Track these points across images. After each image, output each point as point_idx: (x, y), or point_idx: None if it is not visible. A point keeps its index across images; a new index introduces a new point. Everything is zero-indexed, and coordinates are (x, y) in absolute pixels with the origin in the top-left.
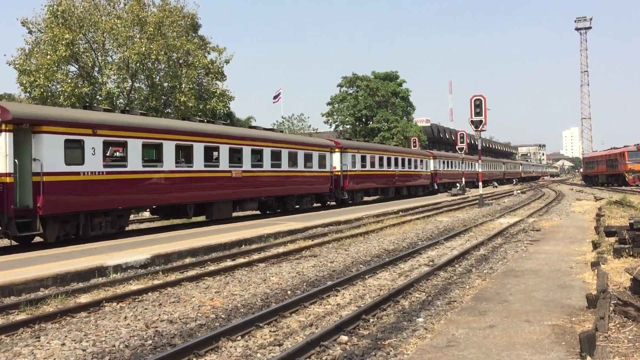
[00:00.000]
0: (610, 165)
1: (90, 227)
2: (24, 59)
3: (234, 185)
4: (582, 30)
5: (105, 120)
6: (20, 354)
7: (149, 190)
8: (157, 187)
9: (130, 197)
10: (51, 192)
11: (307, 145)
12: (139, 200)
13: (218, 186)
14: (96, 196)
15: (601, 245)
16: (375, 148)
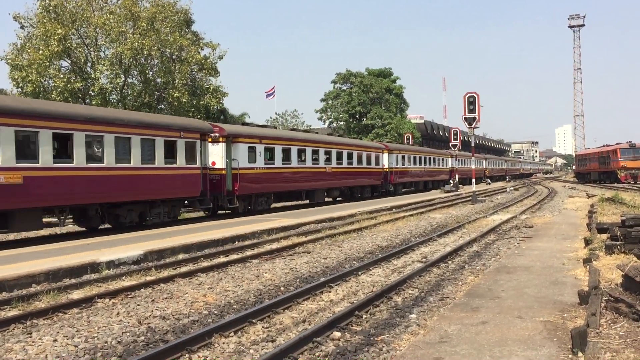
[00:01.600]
0: (603, 163)
1: (257, 203)
2: (16, 54)
3: (326, 178)
4: (575, 28)
5: (265, 133)
6: (12, 350)
7: (290, 180)
8: (294, 177)
9: (278, 184)
10: (242, 180)
11: (368, 148)
12: (286, 187)
13: (319, 178)
14: (259, 184)
15: (593, 242)
16: (412, 149)
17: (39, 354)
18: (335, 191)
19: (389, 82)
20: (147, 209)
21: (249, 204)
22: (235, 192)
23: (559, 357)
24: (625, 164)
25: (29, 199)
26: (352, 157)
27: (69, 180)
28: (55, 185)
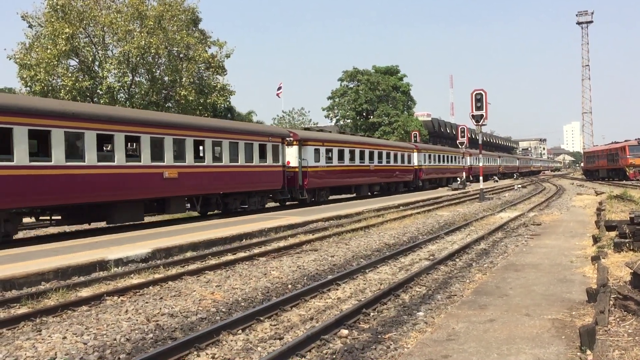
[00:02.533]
0: (611, 160)
1: (319, 195)
2: (25, 53)
3: (370, 174)
4: (583, 24)
5: (325, 137)
6: (22, 347)
7: (344, 176)
8: (347, 174)
9: (335, 180)
10: (310, 176)
11: (402, 148)
12: (341, 182)
13: (365, 175)
14: (322, 179)
15: (601, 239)
16: (437, 149)
17: (48, 351)
18: (376, 186)
19: (395, 79)
20: (246, 198)
21: (314, 196)
22: (305, 186)
23: (567, 355)
24: (633, 161)
25: (181, 190)
26: (390, 157)
27: (202, 175)
28: (195, 179)
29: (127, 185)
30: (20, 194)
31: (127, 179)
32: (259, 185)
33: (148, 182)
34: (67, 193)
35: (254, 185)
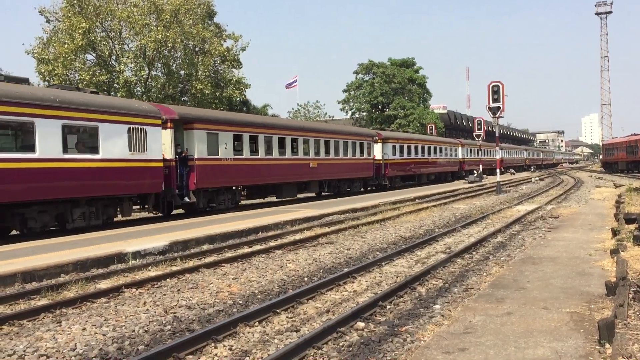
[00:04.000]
0: (631, 152)
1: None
2: (42, 48)
3: (429, 166)
4: (602, 15)
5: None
6: (42, 339)
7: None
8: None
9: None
10: (389, 167)
11: (448, 143)
12: (409, 172)
13: (425, 166)
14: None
15: (621, 232)
16: (475, 144)
17: (68, 343)
18: (432, 176)
19: (411, 72)
20: (351, 184)
21: (391, 182)
22: (386, 175)
23: (585, 348)
24: None
25: (318, 176)
26: (442, 151)
27: (331, 166)
28: (326, 169)
29: (291, 172)
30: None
31: (291, 168)
32: (359, 174)
33: (302, 170)
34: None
35: (356, 174)
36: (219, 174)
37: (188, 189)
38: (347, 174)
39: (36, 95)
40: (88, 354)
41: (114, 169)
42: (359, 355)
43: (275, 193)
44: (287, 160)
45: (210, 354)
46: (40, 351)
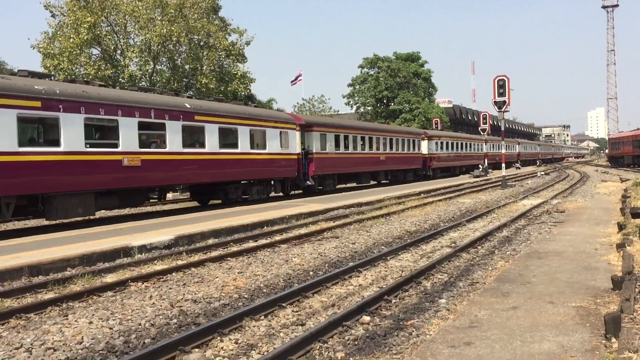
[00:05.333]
0: (637, 146)
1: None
2: (48, 42)
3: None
4: (608, 8)
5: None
6: (49, 332)
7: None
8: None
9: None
10: (435, 160)
11: (477, 139)
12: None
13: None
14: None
15: (627, 226)
16: (498, 140)
17: (75, 336)
18: (463, 168)
19: (416, 66)
20: (405, 174)
21: (434, 173)
22: (431, 167)
23: (592, 342)
24: None
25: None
26: (471, 147)
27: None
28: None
29: (369, 163)
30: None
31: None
32: (412, 165)
33: (376, 162)
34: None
35: (410, 165)
36: (327, 164)
37: (308, 175)
38: (404, 165)
39: (236, 110)
40: (95, 347)
41: (274, 160)
42: (365, 349)
43: (355, 180)
44: (367, 154)
45: (216, 348)
46: (47, 344)
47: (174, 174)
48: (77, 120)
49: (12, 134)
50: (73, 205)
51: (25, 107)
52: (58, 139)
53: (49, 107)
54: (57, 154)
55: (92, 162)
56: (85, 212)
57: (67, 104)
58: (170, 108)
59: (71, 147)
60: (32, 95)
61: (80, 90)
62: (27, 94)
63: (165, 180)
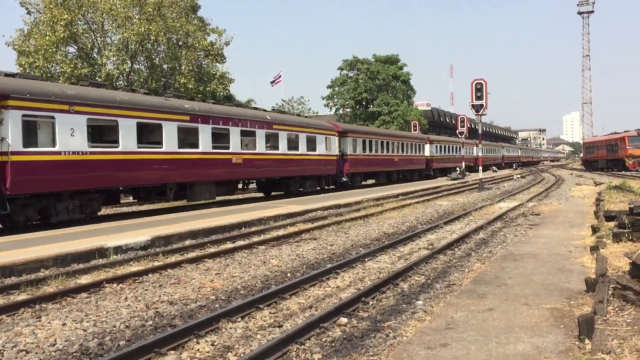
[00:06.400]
0: (611, 150)
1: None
2: (23, 40)
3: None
4: (584, 14)
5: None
6: (22, 334)
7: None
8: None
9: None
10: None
11: (470, 143)
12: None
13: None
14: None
15: (600, 229)
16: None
17: (48, 338)
18: (457, 168)
19: (395, 69)
20: (412, 174)
21: (434, 173)
22: (432, 167)
23: (565, 344)
24: (633, 151)
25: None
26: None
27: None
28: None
29: (385, 164)
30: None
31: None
32: (417, 166)
33: (390, 162)
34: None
35: (416, 166)
36: (358, 164)
37: (343, 173)
38: (412, 166)
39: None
40: (68, 349)
41: (321, 160)
42: (342, 350)
43: (375, 178)
44: (386, 156)
45: (192, 350)
46: (19, 346)
47: (261, 170)
48: (208, 129)
49: (174, 138)
50: (203, 191)
51: (182, 120)
52: (197, 142)
53: (193, 120)
54: (196, 153)
55: (215, 160)
56: (209, 197)
57: (202, 118)
58: (259, 119)
59: (205, 149)
60: (185, 112)
61: (208, 107)
62: (182, 112)
63: (255, 175)
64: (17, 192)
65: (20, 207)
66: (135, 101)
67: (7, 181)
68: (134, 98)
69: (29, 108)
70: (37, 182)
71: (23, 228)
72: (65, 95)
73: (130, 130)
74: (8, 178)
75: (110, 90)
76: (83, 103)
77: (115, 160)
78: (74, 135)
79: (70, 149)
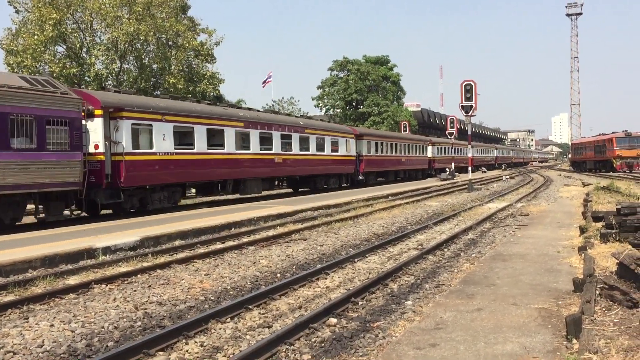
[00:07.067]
0: (599, 152)
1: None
2: (11, 39)
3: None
4: (572, 16)
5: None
6: (9, 335)
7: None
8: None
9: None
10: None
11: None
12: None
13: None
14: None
15: (588, 230)
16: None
17: (35, 339)
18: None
19: (385, 69)
20: (416, 173)
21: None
22: (433, 167)
23: (553, 343)
24: (621, 152)
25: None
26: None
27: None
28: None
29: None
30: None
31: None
32: (418, 165)
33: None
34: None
35: (420, 166)
36: (372, 164)
37: (360, 172)
38: (416, 165)
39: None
40: (56, 350)
41: (342, 160)
42: (331, 351)
43: (384, 177)
44: (395, 157)
45: (181, 351)
46: (6, 347)
47: (296, 168)
48: (256, 134)
49: (233, 141)
50: (253, 186)
51: (238, 126)
52: (249, 145)
53: (246, 126)
54: (248, 154)
55: (262, 159)
56: (257, 191)
57: (252, 124)
58: (294, 125)
59: (255, 150)
60: (240, 119)
61: (256, 114)
62: (238, 119)
63: (291, 172)
64: (127, 185)
65: (127, 196)
66: (206, 111)
67: (121, 176)
68: (205, 108)
69: (135, 118)
70: (140, 177)
71: (127, 214)
72: (158, 107)
73: (202, 135)
74: (122, 174)
75: (188, 102)
76: (171, 113)
77: (192, 160)
78: (165, 139)
79: (163, 151)
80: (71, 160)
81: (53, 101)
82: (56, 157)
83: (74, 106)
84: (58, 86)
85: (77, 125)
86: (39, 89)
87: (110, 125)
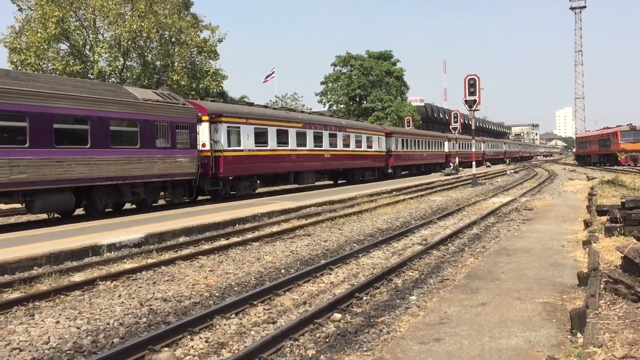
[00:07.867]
0: (603, 145)
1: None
2: (15, 37)
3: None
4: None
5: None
6: (15, 332)
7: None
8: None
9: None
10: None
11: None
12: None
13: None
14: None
15: (593, 224)
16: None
17: (41, 336)
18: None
19: (389, 64)
20: (434, 167)
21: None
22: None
23: (558, 337)
24: (625, 146)
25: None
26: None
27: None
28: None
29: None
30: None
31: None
32: (436, 160)
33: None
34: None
35: (438, 160)
36: (399, 159)
37: (389, 166)
38: (435, 160)
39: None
40: (62, 347)
41: (376, 155)
42: (336, 346)
43: (408, 170)
44: (418, 152)
45: (186, 347)
46: (12, 345)
47: (340, 162)
48: (311, 133)
49: (295, 140)
50: (308, 177)
51: (298, 127)
52: (306, 143)
53: (304, 127)
54: (305, 150)
55: (315, 155)
56: (312, 182)
57: (308, 125)
58: (338, 125)
59: (310, 147)
60: (299, 121)
61: (310, 117)
62: (298, 120)
63: (336, 166)
64: (225, 175)
65: (223, 185)
66: (275, 114)
67: (220, 168)
68: (274, 113)
69: (229, 122)
70: (233, 169)
71: (223, 199)
72: (244, 112)
73: (273, 135)
74: (221, 167)
75: (262, 107)
76: (252, 117)
77: (266, 155)
78: (249, 139)
79: (247, 148)
80: (191, 156)
81: (179, 110)
82: (182, 154)
83: (192, 114)
84: (178, 98)
85: (194, 129)
86: (168, 101)
87: (211, 128)
